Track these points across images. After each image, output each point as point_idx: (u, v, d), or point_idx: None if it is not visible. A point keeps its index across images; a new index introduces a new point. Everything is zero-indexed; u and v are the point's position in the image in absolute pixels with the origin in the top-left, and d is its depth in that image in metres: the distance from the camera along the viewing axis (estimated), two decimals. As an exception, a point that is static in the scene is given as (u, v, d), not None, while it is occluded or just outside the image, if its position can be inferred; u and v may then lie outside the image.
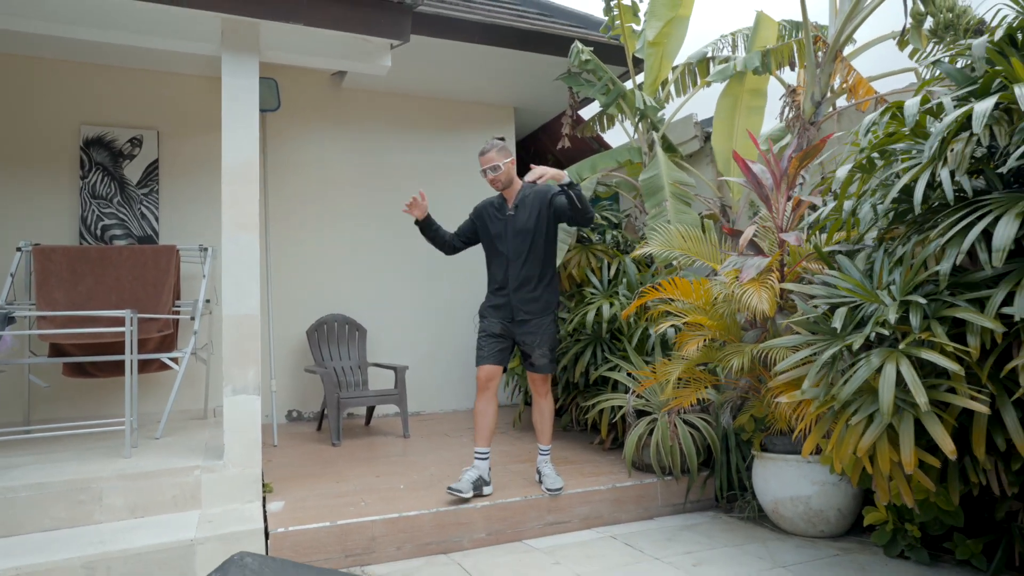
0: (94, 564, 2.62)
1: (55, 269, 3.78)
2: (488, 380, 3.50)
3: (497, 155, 3.48)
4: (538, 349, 3.52)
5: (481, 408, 3.51)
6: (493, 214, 3.63)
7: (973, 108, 2.16)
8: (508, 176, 3.53)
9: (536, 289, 3.53)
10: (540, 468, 3.65)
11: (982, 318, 2.13)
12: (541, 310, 3.54)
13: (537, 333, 3.52)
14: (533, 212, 3.51)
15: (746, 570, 2.89)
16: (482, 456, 3.49)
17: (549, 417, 3.68)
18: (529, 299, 3.52)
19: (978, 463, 2.42)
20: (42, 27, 3.29)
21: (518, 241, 3.50)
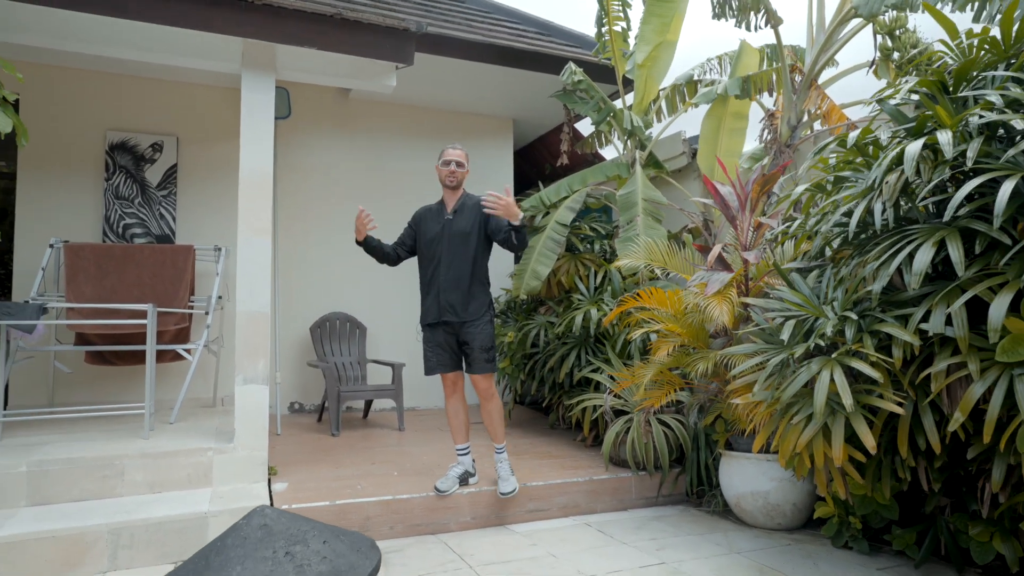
0: (119, 530, 2.94)
1: (83, 265, 4.11)
2: (454, 386, 3.69)
3: (465, 157, 3.64)
4: (477, 350, 3.57)
5: (452, 410, 3.71)
6: (431, 218, 3.70)
7: (906, 148, 2.48)
8: (464, 177, 3.66)
9: (470, 291, 3.58)
10: (497, 468, 3.72)
11: (904, 332, 2.45)
12: (476, 312, 3.59)
13: (475, 335, 3.57)
14: (471, 218, 3.60)
15: (704, 554, 3.21)
16: (463, 452, 3.73)
17: (498, 417, 3.70)
18: (463, 301, 3.57)
19: (903, 461, 2.73)
20: (81, 47, 3.62)
21: (455, 243, 3.57)
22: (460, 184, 3.67)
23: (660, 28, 5.29)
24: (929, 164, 2.50)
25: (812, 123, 4.95)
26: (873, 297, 2.63)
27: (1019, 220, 2.27)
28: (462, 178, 3.65)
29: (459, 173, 3.62)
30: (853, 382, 2.64)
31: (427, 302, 3.68)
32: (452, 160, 3.61)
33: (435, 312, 3.62)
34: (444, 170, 3.63)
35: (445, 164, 3.63)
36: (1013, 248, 2.18)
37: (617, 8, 5.10)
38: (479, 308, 3.61)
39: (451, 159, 3.61)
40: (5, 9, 3.29)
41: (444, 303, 3.58)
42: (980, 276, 2.28)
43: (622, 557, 3.15)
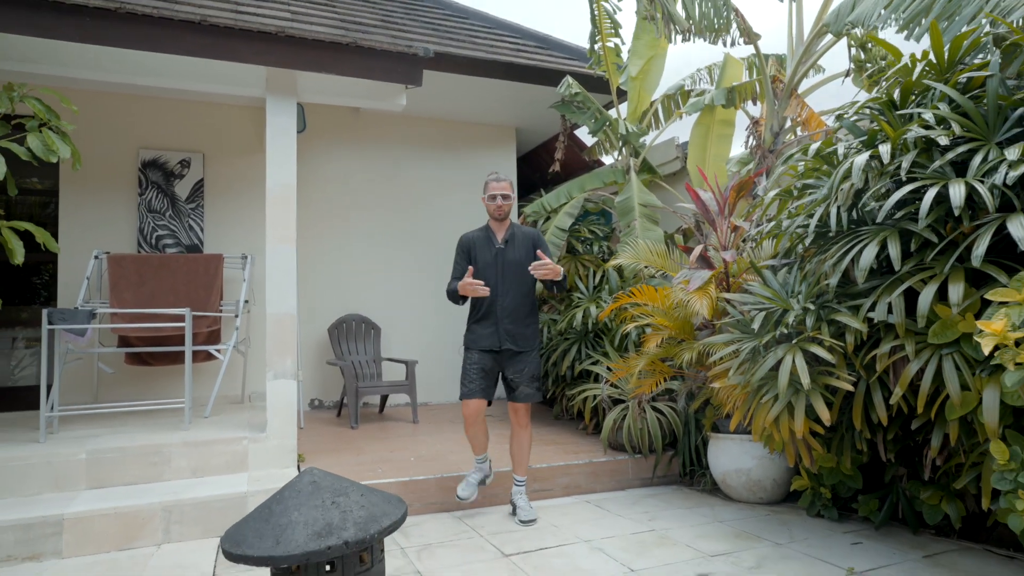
0: (171, 508, 3.34)
1: (125, 273, 4.52)
2: (478, 414, 3.59)
3: (510, 187, 3.67)
4: (526, 380, 3.59)
5: (472, 434, 3.66)
6: (481, 245, 3.68)
7: (854, 161, 2.84)
8: (511, 208, 3.68)
9: (526, 321, 3.63)
10: (514, 500, 3.70)
11: (854, 320, 2.81)
12: (531, 343, 3.64)
13: (527, 364, 3.60)
14: (523, 248, 3.65)
15: (690, 523, 3.57)
16: (481, 461, 3.77)
17: (528, 447, 3.69)
18: (519, 331, 3.60)
19: (860, 433, 3.09)
20: (120, 78, 4.03)
21: (510, 274, 3.60)
22: (508, 215, 3.69)
23: (651, 43, 5.67)
24: (876, 173, 2.86)
25: (794, 129, 5.30)
26: (830, 290, 2.99)
27: (948, 221, 2.62)
28: (508, 210, 3.66)
29: (505, 206, 3.64)
30: (814, 365, 3.01)
31: (483, 328, 3.62)
32: (498, 194, 3.62)
33: (495, 340, 3.59)
34: (491, 204, 3.64)
35: (491, 199, 3.64)
36: (938, 245, 2.54)
37: (609, 26, 5.47)
38: (535, 336, 3.68)
39: (496, 192, 3.63)
40: (52, 47, 3.68)
41: (504, 332, 3.58)
42: (915, 270, 2.64)
43: (616, 526, 3.52)
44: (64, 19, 3.36)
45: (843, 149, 3.11)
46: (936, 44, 2.93)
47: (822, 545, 3.17)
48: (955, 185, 2.38)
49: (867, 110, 3.23)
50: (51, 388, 4.03)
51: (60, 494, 3.44)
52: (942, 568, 2.85)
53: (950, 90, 2.65)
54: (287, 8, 5.56)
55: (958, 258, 2.53)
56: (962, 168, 2.60)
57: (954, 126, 2.53)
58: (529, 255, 3.63)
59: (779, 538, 3.29)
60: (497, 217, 3.66)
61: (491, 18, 7.00)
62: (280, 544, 1.77)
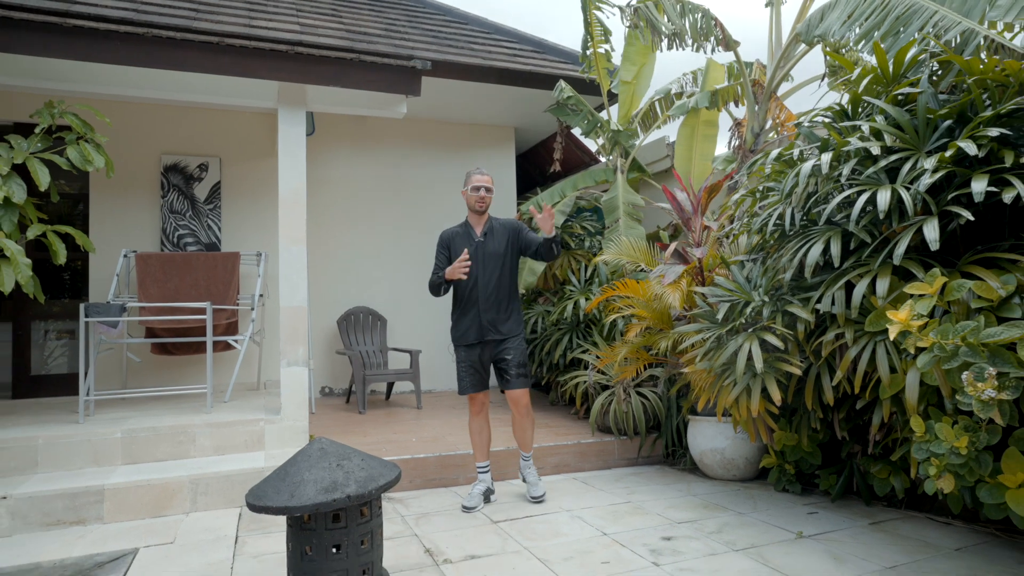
0: (197, 480, 3.73)
1: (151, 270, 4.92)
2: (482, 406, 3.78)
3: (491, 181, 3.79)
4: (514, 367, 3.69)
5: (476, 428, 3.80)
6: (460, 240, 3.77)
7: (801, 167, 3.16)
8: (490, 202, 3.81)
9: (508, 310, 3.74)
10: (524, 474, 3.91)
11: (803, 311, 3.14)
12: (514, 330, 3.75)
13: (513, 351, 3.70)
14: (502, 240, 3.74)
15: (664, 496, 3.92)
16: (484, 470, 3.84)
17: (531, 429, 3.82)
18: (501, 320, 3.71)
19: (813, 413, 3.43)
20: (145, 93, 4.40)
21: (490, 265, 3.70)
22: (488, 208, 3.79)
23: (643, 50, 5.98)
24: (824, 178, 3.18)
25: (775, 129, 5.60)
26: (785, 284, 3.33)
27: (885, 223, 2.94)
28: (489, 202, 3.77)
29: (487, 198, 3.74)
30: (772, 351, 3.34)
31: (464, 322, 3.74)
32: (481, 186, 3.72)
33: (476, 332, 3.71)
34: (473, 195, 3.72)
35: (475, 190, 3.72)
36: (872, 244, 2.86)
37: (600, 33, 5.78)
38: (516, 325, 3.76)
39: (480, 184, 3.72)
40: (87, 68, 4.06)
41: (485, 322, 3.68)
42: (855, 266, 2.96)
43: (597, 499, 3.88)
44: (98, 44, 3.73)
45: (798, 155, 3.43)
46: (880, 59, 3.24)
47: (781, 514, 3.51)
48: (883, 191, 2.70)
49: (822, 118, 3.55)
50: (87, 375, 4.44)
51: (100, 468, 3.86)
52: (883, 533, 3.19)
53: (886, 105, 2.96)
54: (296, 20, 5.91)
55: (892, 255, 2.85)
56: (897, 175, 2.92)
57: (886, 137, 2.85)
58: (509, 246, 3.74)
59: (743, 508, 3.64)
60: (478, 209, 3.74)
61: (489, 23, 7.32)
62: (294, 497, 2.15)
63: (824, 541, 3.08)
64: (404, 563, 2.91)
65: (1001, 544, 2.99)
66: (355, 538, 2.25)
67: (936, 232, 2.49)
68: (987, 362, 2.18)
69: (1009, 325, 2.22)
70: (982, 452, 2.34)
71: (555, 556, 2.96)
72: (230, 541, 3.22)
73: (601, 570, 2.79)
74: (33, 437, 3.81)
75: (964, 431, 2.35)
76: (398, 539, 3.23)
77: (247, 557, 3.02)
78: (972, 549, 2.93)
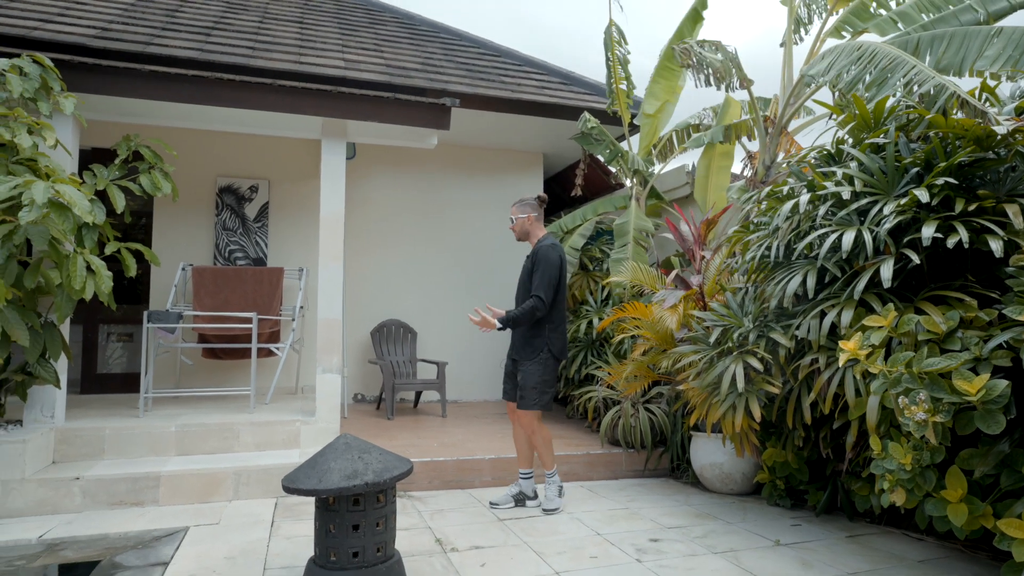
0: (240, 472, 4.20)
1: (205, 283, 5.47)
2: (512, 412, 4.05)
3: (516, 209, 4.02)
4: (522, 385, 3.88)
5: (515, 434, 4.10)
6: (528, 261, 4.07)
7: (781, 208, 3.48)
8: (521, 229, 4.04)
9: (525, 336, 3.91)
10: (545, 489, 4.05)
11: (783, 337, 3.45)
12: (528, 354, 3.88)
13: (523, 373, 3.89)
14: (529, 267, 3.97)
15: (662, 505, 4.23)
16: (525, 476, 4.09)
17: (542, 448, 3.97)
18: (519, 342, 3.95)
19: (796, 431, 3.71)
20: (203, 126, 4.95)
21: (520, 288, 4.00)
22: (522, 236, 4.08)
23: (667, 88, 6.35)
24: (805, 216, 3.50)
25: (787, 162, 5.88)
26: (770, 312, 3.64)
27: (855, 259, 3.23)
28: (519, 231, 4.05)
29: (515, 229, 4.07)
30: (759, 373, 3.65)
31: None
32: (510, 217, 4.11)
33: (510, 348, 4.05)
34: None
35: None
36: (842, 279, 3.17)
37: (621, 72, 6.17)
38: (534, 352, 3.87)
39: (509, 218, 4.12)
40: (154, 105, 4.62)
41: (512, 341, 4.03)
42: (828, 298, 3.27)
43: (598, 505, 4.21)
44: (169, 87, 4.29)
45: (787, 192, 3.75)
46: (861, 108, 3.55)
47: (766, 525, 3.79)
48: (848, 232, 3.01)
49: (812, 158, 3.87)
50: (147, 374, 4.98)
51: (156, 457, 4.37)
52: (856, 545, 3.45)
53: (859, 153, 3.27)
54: (341, 56, 6.47)
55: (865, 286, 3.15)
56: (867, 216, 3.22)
57: (856, 183, 3.16)
58: (530, 273, 3.93)
59: (732, 519, 3.93)
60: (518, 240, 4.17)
61: (520, 56, 7.78)
62: (321, 482, 2.57)
63: (798, 549, 3.35)
64: (416, 549, 3.30)
65: (964, 559, 3.22)
66: (372, 520, 2.66)
67: (890, 271, 2.79)
68: (925, 389, 2.47)
69: (947, 356, 2.51)
70: (926, 469, 2.62)
71: (550, 550, 3.32)
72: (267, 524, 3.67)
73: (588, 563, 3.14)
74: (101, 428, 4.35)
75: (911, 450, 2.63)
76: (413, 530, 3.63)
77: (281, 538, 3.45)
78: (935, 562, 3.18)
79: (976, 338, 2.55)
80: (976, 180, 3.05)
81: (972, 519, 2.58)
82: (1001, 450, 2.54)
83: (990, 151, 2.99)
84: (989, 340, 2.54)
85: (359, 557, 2.61)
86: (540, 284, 3.81)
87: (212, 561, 3.10)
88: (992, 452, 2.56)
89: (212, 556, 3.17)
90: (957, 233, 2.65)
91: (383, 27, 8.32)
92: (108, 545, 3.30)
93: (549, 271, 3.82)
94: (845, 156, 3.65)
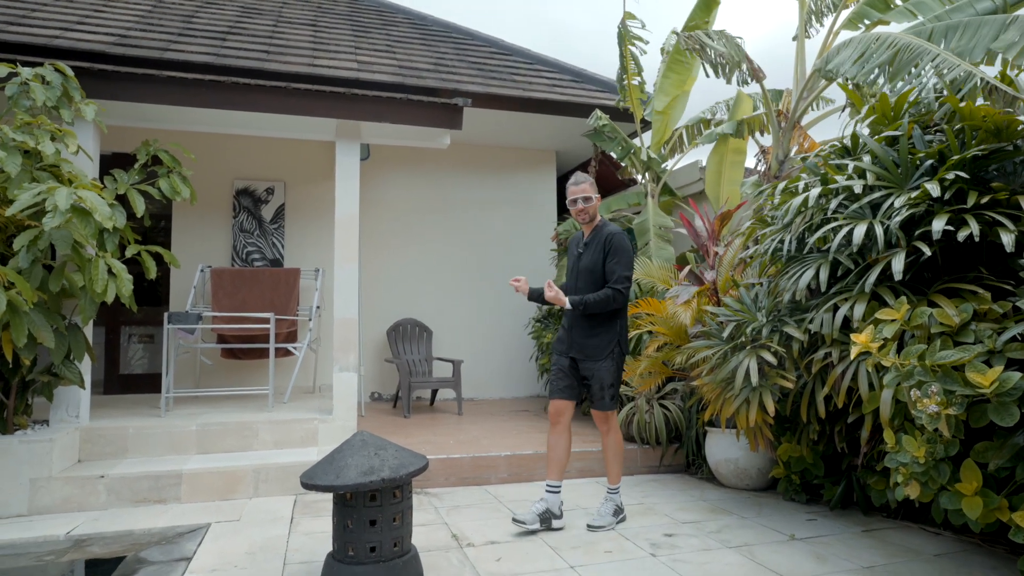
0: (259, 470, 4.28)
1: (223, 284, 5.57)
2: (558, 415, 3.57)
3: (591, 188, 3.52)
4: (596, 388, 3.52)
5: (552, 441, 3.61)
6: (572, 248, 3.68)
7: (792, 202, 3.48)
8: (595, 210, 3.55)
9: (594, 331, 3.47)
10: (601, 504, 3.71)
11: (796, 331, 3.44)
12: (596, 353, 3.48)
13: (596, 371, 3.49)
14: (598, 252, 3.48)
15: (676, 500, 4.24)
16: (553, 489, 3.57)
17: (614, 453, 3.63)
18: (585, 341, 3.50)
19: (810, 426, 3.70)
20: (219, 130, 5.03)
21: (582, 278, 3.52)
22: (593, 218, 3.56)
23: (677, 83, 6.34)
24: (818, 210, 3.49)
25: (799, 158, 5.85)
26: (783, 306, 3.63)
27: (868, 252, 3.22)
28: (594, 212, 3.53)
29: (589, 208, 3.50)
30: (772, 367, 3.64)
31: (560, 333, 3.66)
32: (578, 197, 3.50)
33: (566, 346, 3.59)
34: (573, 210, 3.55)
35: (572, 203, 3.53)
36: (856, 271, 3.16)
37: (634, 67, 6.17)
38: (603, 347, 3.48)
39: (576, 196, 3.50)
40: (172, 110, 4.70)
41: (573, 340, 3.54)
42: (841, 291, 3.26)
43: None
44: (187, 91, 4.38)
45: (802, 186, 3.74)
46: (883, 101, 3.53)
47: (781, 520, 3.79)
48: (860, 226, 3.00)
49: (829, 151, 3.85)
50: (168, 374, 5.08)
51: (178, 456, 4.46)
52: (872, 539, 3.44)
53: (874, 144, 3.26)
54: (354, 58, 6.53)
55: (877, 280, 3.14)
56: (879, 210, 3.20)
57: (868, 176, 3.14)
58: (601, 260, 3.47)
59: (747, 513, 3.93)
60: (581, 221, 3.59)
61: (532, 54, 7.80)
62: (339, 478, 2.62)
63: (813, 543, 3.35)
64: (433, 545, 3.35)
65: (980, 552, 3.20)
66: (388, 515, 2.70)
67: (902, 264, 2.78)
68: (938, 381, 2.46)
69: (960, 349, 2.50)
70: (940, 462, 2.61)
71: (565, 545, 3.34)
72: (286, 521, 3.74)
73: (603, 558, 3.16)
74: (124, 427, 4.45)
75: (925, 443, 2.62)
76: (430, 526, 3.67)
77: (300, 534, 3.52)
78: (951, 556, 3.16)
79: (990, 330, 2.54)
80: (991, 172, 3.03)
81: (987, 512, 2.56)
82: (1016, 442, 2.53)
83: (1008, 142, 2.97)
84: (1003, 332, 2.52)
85: (376, 552, 2.66)
86: (620, 275, 3.40)
87: (233, 556, 3.17)
88: (1007, 445, 2.54)
89: (233, 551, 3.24)
90: (968, 226, 2.64)
91: (395, 28, 8.38)
92: (133, 541, 3.38)
93: (630, 260, 3.44)
94: (860, 149, 3.63)
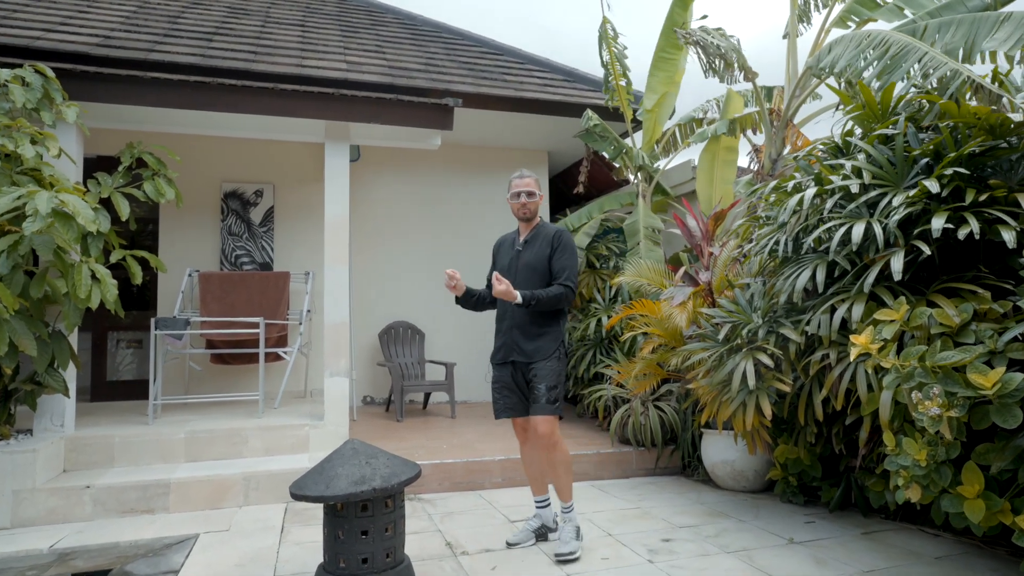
0: (249, 477, 4.20)
1: (212, 288, 5.48)
2: (522, 431, 3.41)
3: (535, 184, 3.37)
4: (540, 388, 3.21)
5: (526, 458, 3.43)
6: (505, 249, 3.49)
7: (787, 202, 3.43)
8: (537, 207, 3.40)
9: (535, 331, 3.27)
10: (560, 529, 3.34)
11: (793, 332, 3.40)
12: (541, 354, 3.25)
13: (539, 373, 3.24)
14: (541, 249, 3.32)
15: (673, 503, 4.19)
16: (541, 504, 3.46)
17: (565, 469, 3.26)
18: (528, 340, 3.27)
19: (808, 428, 3.66)
20: (206, 132, 4.96)
21: (523, 278, 3.29)
22: (534, 215, 3.39)
23: (665, 80, 6.29)
24: (814, 210, 3.45)
25: (792, 156, 5.82)
26: (779, 307, 3.59)
27: (865, 252, 3.18)
28: (535, 209, 3.37)
29: (531, 204, 3.35)
30: (769, 369, 3.60)
31: (497, 339, 3.39)
32: (521, 191, 3.34)
33: (505, 351, 3.33)
34: (515, 203, 3.37)
35: (515, 197, 3.36)
36: (853, 272, 3.12)
37: (619, 68, 6.13)
38: (546, 348, 3.26)
39: (520, 190, 3.34)
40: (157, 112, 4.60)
41: (512, 343, 3.29)
42: (838, 292, 3.22)
43: (609, 504, 4.18)
44: (171, 92, 4.29)
45: (793, 186, 3.70)
46: (868, 98, 3.50)
47: (779, 523, 3.75)
48: (858, 225, 2.96)
49: (820, 150, 3.81)
50: (156, 381, 4.99)
51: (166, 464, 4.37)
52: (872, 541, 3.40)
53: (866, 145, 3.22)
54: (343, 59, 6.45)
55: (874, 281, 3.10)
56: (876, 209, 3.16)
57: (865, 175, 3.11)
58: (545, 257, 3.30)
59: (745, 516, 3.89)
60: (522, 217, 3.39)
61: (523, 54, 7.74)
62: (329, 488, 2.55)
63: (812, 547, 3.31)
64: (427, 553, 3.28)
65: (982, 555, 3.17)
66: (380, 526, 2.64)
67: (901, 264, 2.75)
68: (939, 383, 2.42)
69: (961, 349, 2.46)
70: (941, 465, 2.57)
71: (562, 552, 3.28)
72: (277, 530, 3.66)
73: (600, 565, 3.11)
74: (110, 435, 4.36)
75: (926, 445, 2.58)
76: (423, 533, 3.61)
77: (291, 543, 3.45)
78: (952, 558, 3.13)
79: (990, 331, 2.51)
80: (988, 170, 2.99)
81: (989, 515, 2.53)
82: (1018, 444, 2.49)
83: (1003, 140, 2.94)
84: (1004, 332, 2.49)
85: (368, 563, 2.59)
86: (571, 272, 3.26)
87: (222, 568, 3.10)
88: (1009, 447, 2.51)
89: (222, 563, 3.16)
90: (968, 224, 2.60)
91: (385, 28, 8.31)
92: (119, 554, 3.30)
93: (576, 258, 3.32)
94: (853, 148, 3.60)
